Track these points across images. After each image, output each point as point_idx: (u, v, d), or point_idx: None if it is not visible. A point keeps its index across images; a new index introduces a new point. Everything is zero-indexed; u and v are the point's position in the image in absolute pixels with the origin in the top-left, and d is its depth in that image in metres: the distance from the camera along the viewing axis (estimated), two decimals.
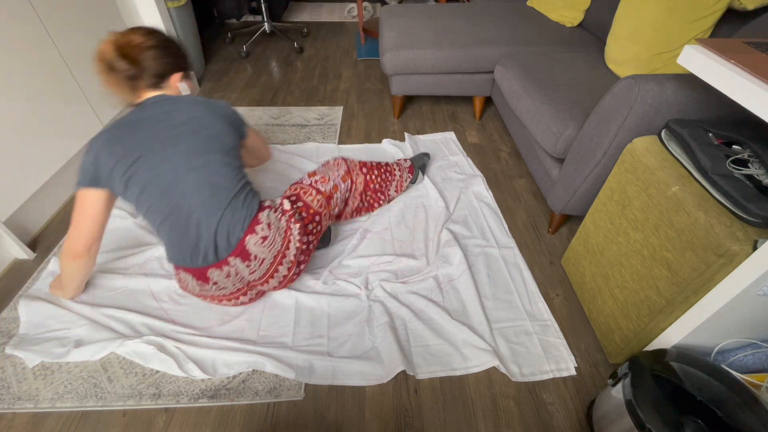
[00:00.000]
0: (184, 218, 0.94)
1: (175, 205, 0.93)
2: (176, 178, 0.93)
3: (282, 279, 1.09)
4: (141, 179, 0.92)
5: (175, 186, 0.93)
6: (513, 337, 1.12)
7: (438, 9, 2.11)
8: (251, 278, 1.03)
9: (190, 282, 1.02)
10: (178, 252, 0.97)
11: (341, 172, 1.26)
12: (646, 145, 0.92)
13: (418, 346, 1.10)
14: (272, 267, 1.03)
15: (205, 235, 0.95)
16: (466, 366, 1.06)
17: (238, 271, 1.00)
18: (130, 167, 0.91)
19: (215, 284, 1.01)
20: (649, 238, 0.89)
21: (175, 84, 1.04)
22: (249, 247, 0.97)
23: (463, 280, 1.25)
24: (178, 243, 0.96)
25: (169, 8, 2.02)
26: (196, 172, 0.94)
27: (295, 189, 1.17)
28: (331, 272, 1.28)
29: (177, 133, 0.94)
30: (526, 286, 1.25)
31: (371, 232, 1.42)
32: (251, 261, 0.99)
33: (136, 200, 0.95)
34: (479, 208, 1.52)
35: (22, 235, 1.33)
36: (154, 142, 0.92)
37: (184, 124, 0.95)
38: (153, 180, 0.92)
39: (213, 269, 0.98)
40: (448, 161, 1.76)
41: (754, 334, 0.85)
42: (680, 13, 1.23)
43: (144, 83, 0.98)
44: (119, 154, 0.91)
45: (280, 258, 1.03)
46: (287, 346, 1.08)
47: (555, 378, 1.04)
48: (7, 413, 0.96)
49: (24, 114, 1.30)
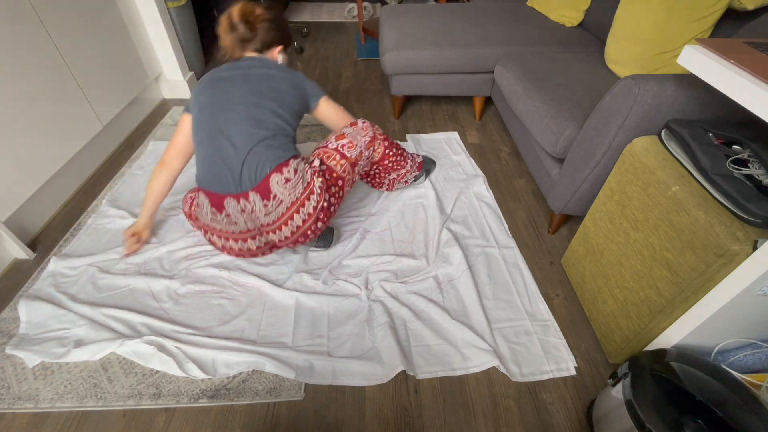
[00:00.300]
0: (221, 141, 1.04)
1: (218, 128, 1.05)
2: (228, 105, 1.06)
3: (295, 230, 1.09)
4: (204, 101, 1.09)
5: (224, 111, 1.06)
6: (513, 337, 1.12)
7: (438, 9, 2.11)
8: (265, 220, 1.06)
9: (205, 207, 1.09)
10: (205, 172, 1.08)
11: (367, 138, 1.26)
12: (646, 145, 0.92)
13: (418, 346, 1.10)
14: (288, 212, 1.06)
15: (234, 162, 1.03)
16: (466, 366, 1.06)
17: (254, 209, 1.05)
18: (201, 94, 1.11)
19: (227, 216, 1.07)
20: (649, 238, 0.89)
21: (275, 54, 1.22)
22: (271, 186, 1.03)
23: (463, 280, 1.25)
24: (208, 163, 1.06)
25: (169, 8, 2.02)
26: (246, 107, 1.06)
27: (319, 153, 1.18)
28: (331, 272, 1.28)
29: (247, 78, 1.10)
30: (526, 286, 1.25)
31: (371, 232, 1.42)
32: (270, 201, 1.04)
33: (195, 120, 1.11)
34: (480, 208, 1.52)
35: (22, 235, 1.33)
36: (227, 79, 1.10)
37: (257, 75, 1.11)
38: (211, 102, 1.08)
39: (231, 199, 1.04)
40: (450, 161, 1.76)
41: (754, 334, 0.85)
42: (680, 13, 1.23)
43: (252, 46, 1.16)
44: (202, 85, 1.12)
45: (298, 206, 1.07)
46: (287, 346, 1.08)
47: (555, 378, 1.04)
48: (7, 413, 0.96)
49: (24, 114, 1.30)
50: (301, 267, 1.29)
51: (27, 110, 1.31)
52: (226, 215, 1.06)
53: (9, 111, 1.25)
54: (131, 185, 1.59)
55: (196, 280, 1.23)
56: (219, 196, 1.05)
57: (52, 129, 1.41)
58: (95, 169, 1.70)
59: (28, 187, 1.34)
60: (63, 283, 1.22)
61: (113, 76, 1.74)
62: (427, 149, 1.83)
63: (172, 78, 2.16)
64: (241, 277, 1.24)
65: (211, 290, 1.21)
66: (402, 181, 1.51)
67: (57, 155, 1.44)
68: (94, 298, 1.18)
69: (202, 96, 1.10)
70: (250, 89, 1.08)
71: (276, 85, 1.12)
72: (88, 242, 1.35)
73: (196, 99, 1.12)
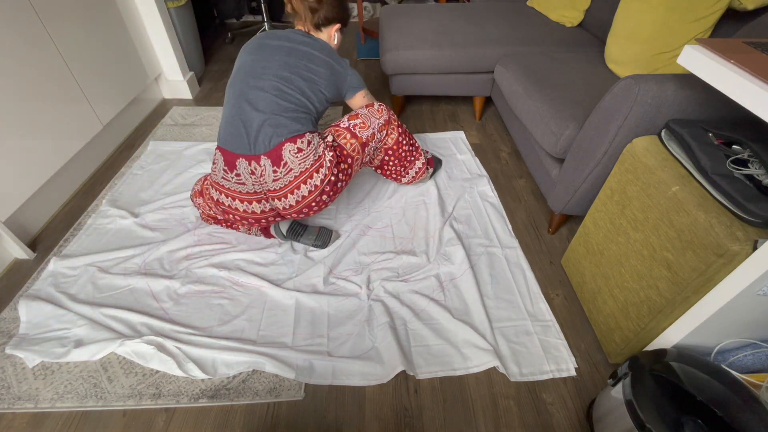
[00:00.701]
0: (244, 103, 1.09)
1: (246, 90, 1.10)
2: (262, 73, 1.11)
3: (300, 200, 1.11)
4: (244, 62, 1.16)
5: (257, 78, 1.11)
6: (513, 337, 1.12)
7: (438, 9, 2.11)
8: (272, 186, 1.09)
9: (219, 163, 1.13)
10: (224, 129, 1.12)
11: (381, 120, 1.27)
12: (646, 145, 0.92)
13: (418, 346, 1.10)
14: (296, 181, 1.09)
15: (253, 124, 1.07)
16: (466, 366, 1.06)
17: (264, 173, 1.08)
18: (247, 54, 1.18)
19: (237, 176, 1.11)
20: (649, 238, 0.89)
21: (332, 32, 1.27)
22: (283, 154, 1.06)
23: (464, 279, 1.25)
24: (228, 121, 1.11)
25: (169, 8, 2.02)
26: (278, 79, 1.11)
27: (332, 130, 1.21)
28: (332, 271, 1.28)
29: (291, 52, 1.15)
30: (528, 287, 1.25)
31: (372, 229, 1.42)
32: (280, 168, 1.07)
33: (232, 77, 1.17)
34: (483, 207, 1.52)
35: (22, 235, 1.34)
36: (274, 48, 1.15)
37: (301, 52, 1.16)
38: (250, 66, 1.13)
39: (243, 160, 1.08)
40: (455, 160, 1.77)
41: (754, 334, 0.85)
42: (680, 13, 1.23)
43: (313, 20, 1.22)
44: (251, 45, 1.20)
45: (306, 177, 1.09)
46: (287, 346, 1.08)
47: (555, 378, 1.04)
48: (7, 413, 0.96)
49: (24, 114, 1.30)
50: (301, 267, 1.29)
51: (27, 110, 1.31)
52: (236, 174, 1.10)
53: (9, 111, 1.25)
54: (131, 185, 1.59)
55: (196, 280, 1.23)
56: (232, 155, 1.09)
57: (52, 129, 1.41)
58: (95, 169, 1.70)
59: (28, 187, 1.34)
60: (63, 283, 1.22)
61: (113, 76, 1.74)
62: (433, 148, 1.84)
63: (172, 78, 2.16)
64: (241, 277, 1.24)
65: (211, 290, 1.21)
66: (414, 179, 1.49)
67: (57, 155, 1.44)
68: (94, 298, 1.18)
69: (246, 56, 1.17)
70: (288, 63, 1.13)
71: (315, 66, 1.16)
72: (88, 242, 1.35)
73: (240, 57, 1.19)
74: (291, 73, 1.12)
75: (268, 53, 1.15)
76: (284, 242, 1.36)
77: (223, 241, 1.36)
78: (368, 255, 1.33)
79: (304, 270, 1.28)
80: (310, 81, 1.15)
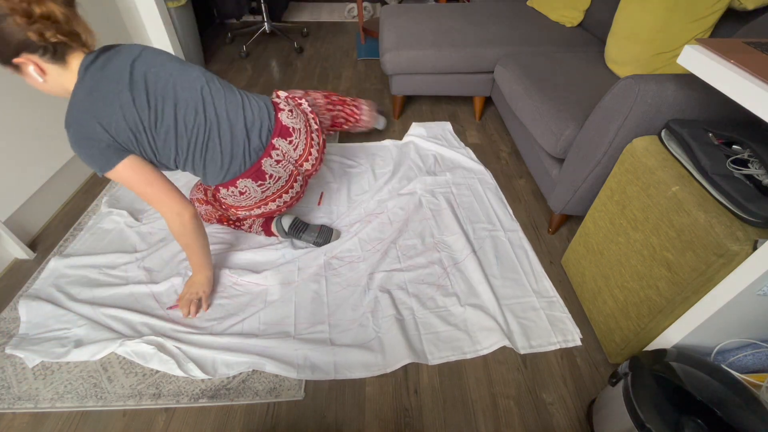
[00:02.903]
0: (222, 125, 1.01)
1: (210, 118, 0.99)
2: (188, 93, 0.98)
3: (319, 148, 1.21)
4: (169, 108, 0.97)
5: (201, 103, 0.99)
6: (521, 313, 1.17)
7: (438, 9, 2.11)
8: (296, 155, 1.14)
9: (251, 189, 1.10)
10: (232, 161, 1.04)
11: (300, 93, 1.46)
12: (646, 145, 0.92)
13: (428, 333, 1.12)
14: (308, 135, 1.16)
15: (257, 119, 1.06)
16: (475, 349, 1.09)
17: (285, 152, 1.11)
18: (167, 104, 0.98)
19: (271, 177, 1.11)
20: (649, 238, 0.89)
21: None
22: (284, 121, 1.10)
23: (467, 262, 1.29)
24: (229, 151, 1.03)
25: (169, 8, 2.02)
26: (199, 87, 1.00)
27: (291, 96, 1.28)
28: (335, 257, 1.31)
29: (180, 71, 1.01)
30: (531, 266, 1.31)
31: (372, 215, 1.47)
32: (292, 136, 1.11)
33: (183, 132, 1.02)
34: (484, 194, 1.58)
35: (22, 235, 1.33)
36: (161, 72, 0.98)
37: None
38: (178, 98, 0.97)
39: (265, 159, 1.08)
40: (450, 149, 1.83)
41: (754, 334, 0.85)
42: (680, 13, 1.23)
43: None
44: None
45: (309, 130, 1.17)
46: (290, 335, 1.10)
47: (562, 348, 1.10)
48: (7, 413, 0.96)
49: (24, 114, 1.30)
50: (303, 262, 1.29)
51: (27, 110, 1.31)
52: (269, 176, 1.11)
53: (9, 111, 1.25)
54: None
55: None
56: (256, 165, 1.08)
57: (52, 129, 1.41)
58: None
59: (28, 187, 1.34)
60: (63, 283, 1.22)
61: None
62: (426, 130, 1.93)
63: None
64: (241, 276, 1.24)
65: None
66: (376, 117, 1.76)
67: (57, 155, 1.44)
68: (94, 298, 1.18)
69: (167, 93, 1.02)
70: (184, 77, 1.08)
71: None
72: (89, 242, 1.35)
73: (161, 106, 1.04)
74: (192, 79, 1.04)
75: (162, 75, 0.98)
76: (284, 240, 1.36)
77: (223, 241, 1.36)
78: (369, 242, 1.36)
79: (304, 261, 1.30)
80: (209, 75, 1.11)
